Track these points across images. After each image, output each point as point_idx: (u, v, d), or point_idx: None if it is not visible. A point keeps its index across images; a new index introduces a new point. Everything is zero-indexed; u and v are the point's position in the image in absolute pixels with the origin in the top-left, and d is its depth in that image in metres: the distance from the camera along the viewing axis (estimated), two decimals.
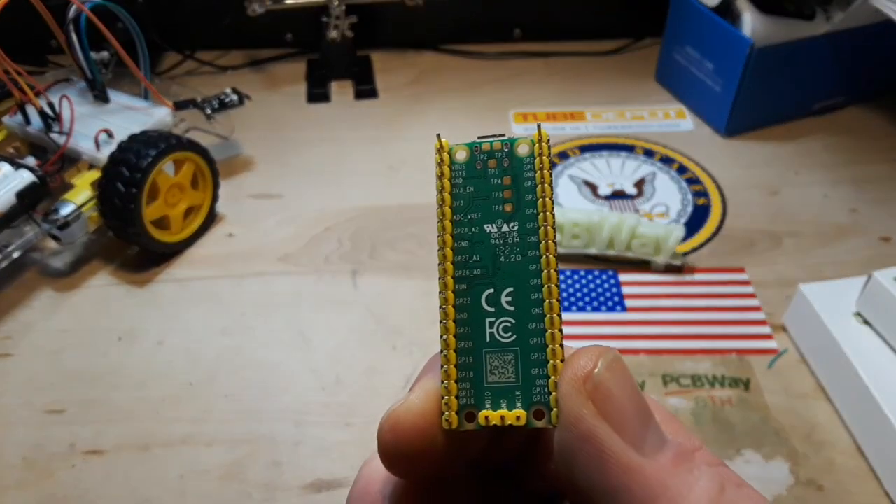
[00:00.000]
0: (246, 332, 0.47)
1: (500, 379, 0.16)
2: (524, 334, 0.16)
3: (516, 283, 0.16)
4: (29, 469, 0.39)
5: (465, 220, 0.17)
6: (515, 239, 0.17)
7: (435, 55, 0.71)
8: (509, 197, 0.17)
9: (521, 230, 0.17)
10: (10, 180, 0.46)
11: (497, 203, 0.17)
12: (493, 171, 0.17)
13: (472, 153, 0.18)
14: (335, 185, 0.57)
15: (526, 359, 0.16)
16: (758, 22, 0.58)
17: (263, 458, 0.40)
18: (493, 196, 0.17)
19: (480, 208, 0.17)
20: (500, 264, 0.17)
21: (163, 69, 0.67)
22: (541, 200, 0.17)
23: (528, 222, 0.17)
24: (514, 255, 0.17)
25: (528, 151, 0.17)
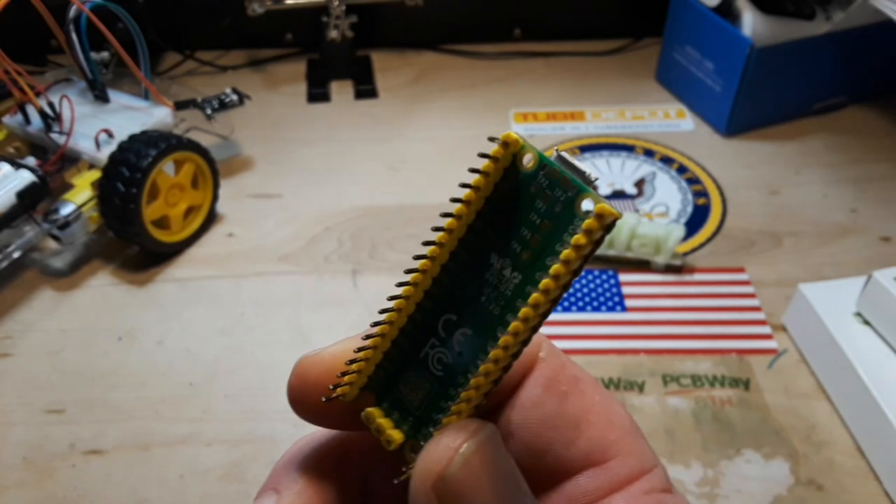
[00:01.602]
0: (246, 332, 0.47)
1: (407, 395, 0.16)
2: (450, 378, 0.15)
3: (476, 330, 0.15)
4: (29, 469, 0.39)
5: (479, 233, 0.15)
6: (507, 291, 0.15)
7: (435, 55, 0.71)
8: (535, 245, 0.14)
9: (518, 288, 0.14)
10: (11, 180, 0.46)
11: (519, 242, 0.14)
12: (540, 206, 0.14)
13: (538, 168, 0.15)
14: (335, 184, 0.57)
15: (438, 397, 0.15)
16: (758, 22, 0.58)
17: (263, 458, 0.40)
18: (521, 231, 0.14)
19: (501, 233, 0.15)
20: (479, 303, 0.15)
21: (163, 69, 0.67)
22: (557, 277, 0.14)
23: (528, 285, 0.14)
24: (494, 305, 0.15)
25: (587, 215, 0.14)
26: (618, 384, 0.43)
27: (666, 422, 0.41)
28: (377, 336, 0.16)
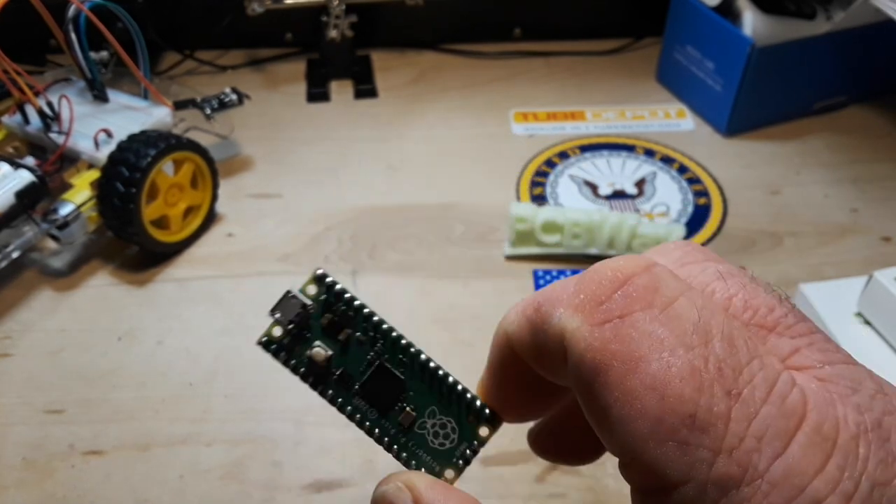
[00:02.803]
0: (246, 332, 0.46)
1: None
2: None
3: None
4: (28, 469, 0.39)
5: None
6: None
7: (435, 55, 0.71)
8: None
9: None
10: (10, 180, 0.46)
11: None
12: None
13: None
14: (335, 184, 0.57)
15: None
16: (758, 21, 0.58)
17: (263, 458, 0.40)
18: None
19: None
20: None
21: (162, 69, 0.67)
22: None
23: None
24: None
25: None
26: None
27: None
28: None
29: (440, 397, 0.18)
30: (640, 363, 0.13)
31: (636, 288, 0.14)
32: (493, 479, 0.39)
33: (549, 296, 0.15)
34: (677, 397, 0.13)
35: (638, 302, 0.14)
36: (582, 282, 0.15)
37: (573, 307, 0.15)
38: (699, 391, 0.13)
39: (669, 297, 0.14)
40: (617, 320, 0.14)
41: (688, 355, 0.13)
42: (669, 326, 0.14)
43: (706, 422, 0.13)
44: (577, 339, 0.14)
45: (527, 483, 0.39)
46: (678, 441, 0.13)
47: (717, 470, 0.13)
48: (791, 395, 0.13)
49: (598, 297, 0.14)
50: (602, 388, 0.14)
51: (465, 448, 0.18)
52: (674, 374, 0.13)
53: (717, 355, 0.13)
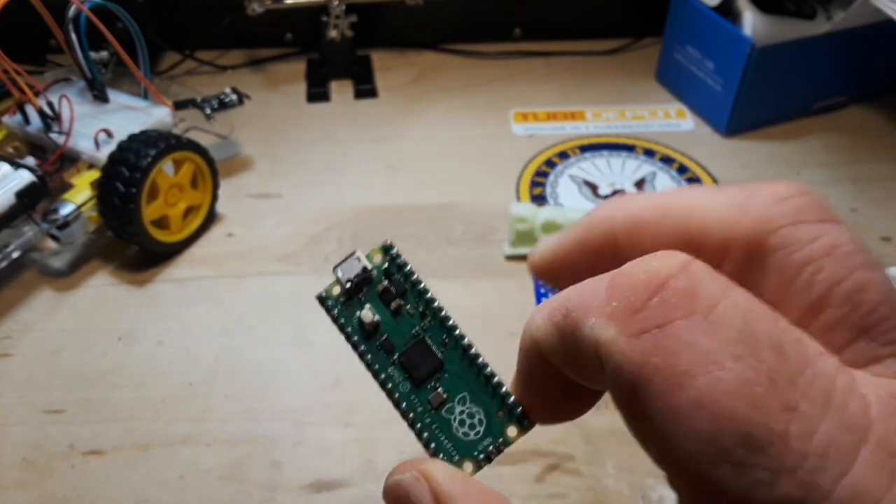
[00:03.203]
0: (246, 332, 0.46)
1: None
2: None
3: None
4: (28, 469, 0.39)
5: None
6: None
7: (435, 55, 0.71)
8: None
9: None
10: (10, 180, 0.46)
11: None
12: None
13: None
14: (335, 184, 0.57)
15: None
16: (758, 21, 0.58)
17: (263, 458, 0.40)
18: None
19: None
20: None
21: (162, 69, 0.67)
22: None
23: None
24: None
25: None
26: None
27: None
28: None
29: (474, 386, 0.18)
30: (686, 378, 0.12)
31: (674, 293, 0.13)
32: (492, 479, 0.39)
33: (578, 301, 0.14)
34: (730, 415, 0.12)
35: (677, 309, 0.13)
36: (614, 287, 0.14)
37: (606, 316, 0.14)
38: (753, 407, 0.12)
39: (711, 302, 0.13)
40: (656, 330, 0.13)
41: (737, 367, 0.12)
42: (714, 335, 0.13)
43: (764, 440, 0.12)
44: (612, 352, 0.13)
45: (527, 483, 0.39)
46: (734, 462, 0.12)
47: (778, 491, 0.12)
48: (851, 404, 0.12)
49: (632, 304, 0.13)
50: (644, 405, 0.13)
51: (489, 444, 0.17)
52: (724, 390, 0.12)
53: (769, 365, 0.12)
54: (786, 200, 0.15)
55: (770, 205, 0.15)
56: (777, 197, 0.15)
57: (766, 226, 0.15)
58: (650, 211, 0.16)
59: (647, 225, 0.16)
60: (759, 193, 0.15)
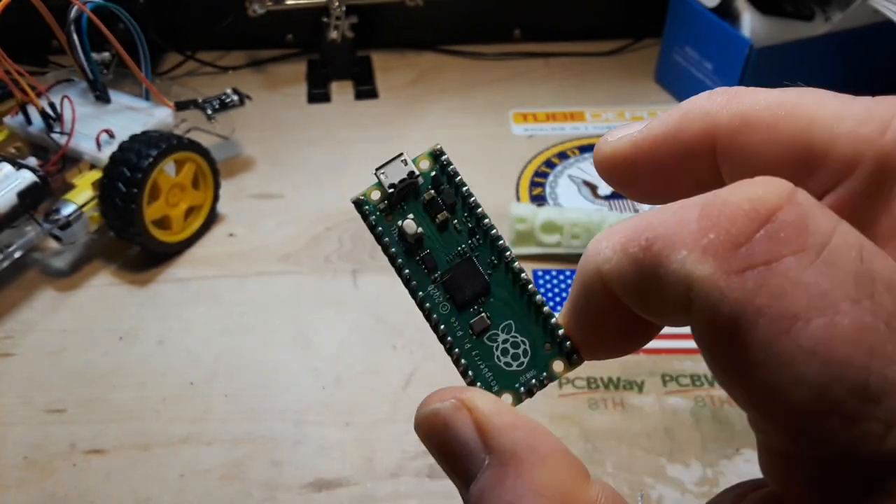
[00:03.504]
0: (246, 332, 0.47)
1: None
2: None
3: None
4: (29, 469, 0.39)
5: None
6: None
7: (435, 55, 0.71)
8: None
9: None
10: (12, 180, 0.46)
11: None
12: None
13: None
14: (335, 185, 0.57)
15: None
16: (757, 22, 0.58)
17: (264, 458, 0.40)
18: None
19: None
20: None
21: (164, 70, 0.68)
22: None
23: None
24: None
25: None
26: (617, 384, 0.43)
27: (665, 421, 0.41)
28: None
29: (521, 314, 0.16)
30: (797, 321, 0.11)
31: (782, 225, 0.12)
32: None
33: (661, 231, 0.12)
34: (845, 363, 0.11)
35: (787, 244, 0.11)
36: (709, 216, 0.12)
37: (701, 249, 0.12)
38: (871, 355, 0.11)
39: (823, 237, 0.12)
40: (762, 267, 0.11)
41: (854, 310, 0.11)
42: (828, 275, 0.11)
43: (880, 390, 0.11)
44: (709, 291, 0.12)
45: None
46: (845, 414, 0.11)
47: (888, 445, 0.11)
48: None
49: (734, 237, 0.12)
50: (745, 350, 0.11)
51: (533, 377, 0.16)
52: (839, 336, 0.11)
53: (886, 309, 0.11)
54: (851, 101, 0.14)
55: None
56: (833, 99, 0.14)
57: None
58: (766, 110, 0.14)
59: (759, 126, 0.14)
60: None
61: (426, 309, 0.17)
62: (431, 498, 0.38)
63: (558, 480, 0.14)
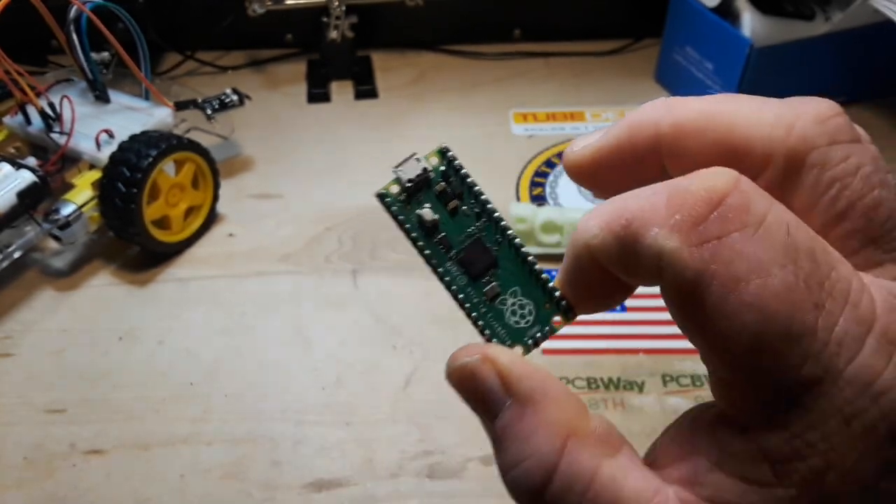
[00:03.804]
0: (246, 332, 0.47)
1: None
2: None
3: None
4: (29, 469, 0.39)
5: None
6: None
7: (435, 55, 0.71)
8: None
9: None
10: (11, 180, 0.46)
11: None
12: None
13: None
14: (335, 184, 0.57)
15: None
16: (757, 22, 0.58)
17: (264, 458, 0.40)
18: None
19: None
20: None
21: (163, 69, 0.68)
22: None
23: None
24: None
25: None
26: (617, 384, 0.43)
27: (666, 421, 0.41)
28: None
29: (524, 281, 0.20)
30: (740, 283, 0.15)
31: (730, 208, 0.15)
32: (493, 479, 0.39)
33: (638, 213, 0.16)
34: (775, 314, 0.15)
35: (733, 222, 0.15)
36: (674, 200, 0.16)
37: (669, 227, 0.15)
38: (793, 307, 0.15)
39: (760, 216, 0.15)
40: (715, 241, 0.15)
41: (781, 273, 0.15)
42: (763, 246, 0.15)
43: (798, 333, 0.15)
44: (675, 259, 0.15)
45: None
46: (774, 351, 0.15)
47: (805, 371, 0.15)
48: (862, 302, 0.15)
49: (694, 217, 0.15)
50: (701, 306, 0.15)
51: (538, 331, 0.19)
52: (771, 293, 0.15)
53: (805, 270, 0.15)
54: (827, 121, 0.17)
55: (812, 124, 0.17)
56: (819, 118, 0.17)
57: (807, 145, 0.17)
58: (697, 119, 0.18)
59: (692, 132, 0.18)
60: (803, 114, 0.17)
61: (446, 281, 0.20)
62: (431, 498, 0.38)
63: (565, 415, 0.17)
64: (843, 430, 0.15)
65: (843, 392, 0.15)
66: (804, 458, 0.15)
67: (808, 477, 0.15)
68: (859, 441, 0.15)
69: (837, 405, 0.15)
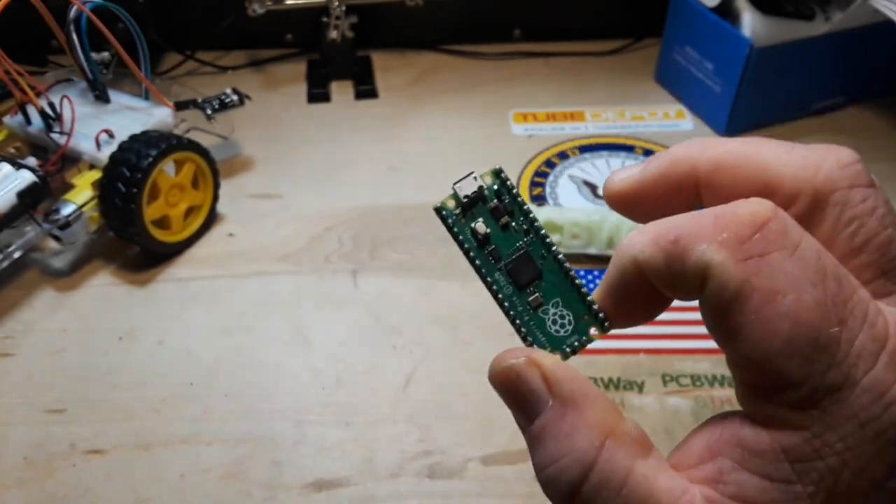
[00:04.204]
0: (246, 332, 0.47)
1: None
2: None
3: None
4: (29, 469, 0.39)
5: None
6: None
7: (435, 55, 0.71)
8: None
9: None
10: (11, 180, 0.46)
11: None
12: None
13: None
14: (335, 185, 0.57)
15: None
16: (757, 22, 0.58)
17: (264, 458, 0.40)
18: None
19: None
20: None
21: (163, 69, 0.68)
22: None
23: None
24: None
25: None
26: (617, 384, 0.43)
27: (665, 421, 0.41)
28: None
29: (566, 293, 0.21)
30: (777, 296, 0.17)
31: (770, 231, 0.17)
32: (493, 479, 0.39)
33: (686, 231, 0.18)
34: (807, 323, 0.16)
35: (774, 244, 0.17)
36: (721, 221, 0.17)
37: (718, 243, 0.17)
38: (822, 319, 0.17)
39: (796, 240, 0.17)
40: (757, 258, 0.17)
41: (813, 291, 0.17)
42: (799, 266, 0.17)
43: (826, 343, 0.16)
44: (721, 272, 0.17)
45: (527, 482, 0.39)
46: (803, 356, 0.16)
47: (829, 378, 0.16)
48: (878, 322, 0.17)
49: (740, 236, 0.17)
50: (740, 313, 0.17)
51: (575, 340, 0.21)
52: (804, 307, 0.16)
53: (832, 290, 0.17)
54: (848, 167, 0.19)
55: (836, 169, 0.19)
56: (841, 163, 0.19)
57: (831, 186, 0.19)
58: (733, 157, 0.20)
59: (728, 168, 0.20)
60: (827, 158, 0.19)
61: (493, 289, 0.21)
62: (431, 498, 0.38)
63: (604, 416, 0.19)
64: (859, 433, 0.16)
65: (860, 399, 0.16)
66: (823, 458, 0.17)
67: (826, 475, 0.16)
68: (872, 444, 0.16)
69: (854, 410, 0.16)
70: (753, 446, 0.17)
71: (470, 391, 0.43)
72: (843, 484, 0.17)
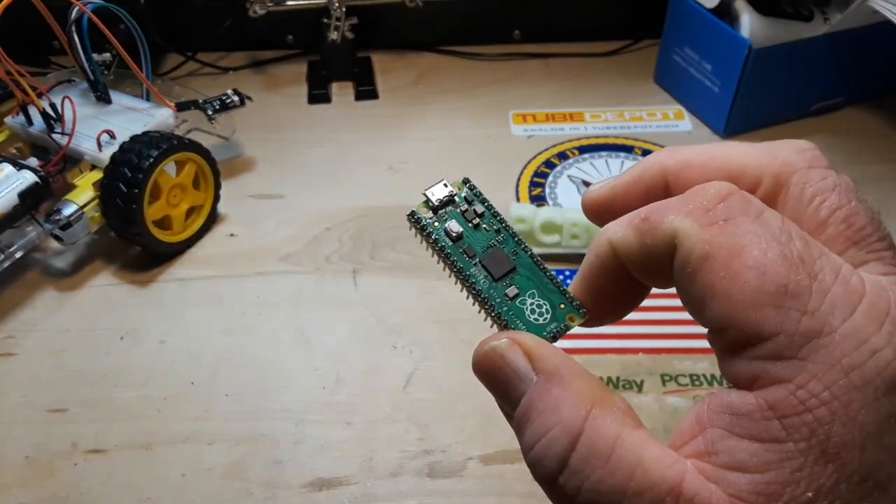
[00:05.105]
0: (247, 332, 0.47)
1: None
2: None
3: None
4: (31, 468, 0.40)
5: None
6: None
7: (435, 56, 0.71)
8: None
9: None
10: (13, 181, 0.46)
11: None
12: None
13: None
14: (336, 185, 0.58)
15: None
16: (756, 23, 0.58)
17: (264, 457, 0.40)
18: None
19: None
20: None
21: (164, 70, 0.68)
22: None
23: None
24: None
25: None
26: (616, 383, 0.44)
27: (665, 421, 0.42)
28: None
29: (541, 285, 0.22)
30: (744, 250, 0.17)
31: (734, 200, 0.18)
32: (492, 478, 0.39)
33: (655, 208, 0.19)
34: (774, 273, 0.17)
35: (737, 210, 0.18)
36: (688, 196, 0.19)
37: (684, 213, 0.18)
38: (790, 269, 0.17)
39: (760, 208, 0.18)
40: (722, 222, 0.18)
41: (779, 246, 0.17)
42: (763, 227, 0.18)
43: (796, 290, 0.17)
44: (688, 235, 0.18)
45: (526, 482, 0.39)
46: (774, 304, 0.17)
47: (803, 324, 0.17)
48: (853, 279, 0.17)
49: (705, 206, 0.18)
50: (709, 271, 0.18)
51: (555, 327, 0.22)
52: (770, 258, 0.17)
53: (798, 248, 0.17)
54: (805, 151, 0.20)
55: (793, 153, 0.20)
56: (798, 149, 0.21)
57: (790, 168, 0.20)
58: (698, 156, 0.21)
59: (694, 165, 0.21)
60: (786, 145, 0.21)
61: (470, 283, 0.22)
62: (431, 498, 0.39)
63: (590, 388, 0.19)
64: (844, 381, 0.16)
65: (841, 346, 0.17)
66: (810, 409, 0.16)
67: (816, 429, 0.16)
68: (859, 391, 0.16)
69: (836, 357, 0.16)
70: (740, 408, 0.17)
71: (470, 391, 0.43)
72: (835, 437, 0.16)
